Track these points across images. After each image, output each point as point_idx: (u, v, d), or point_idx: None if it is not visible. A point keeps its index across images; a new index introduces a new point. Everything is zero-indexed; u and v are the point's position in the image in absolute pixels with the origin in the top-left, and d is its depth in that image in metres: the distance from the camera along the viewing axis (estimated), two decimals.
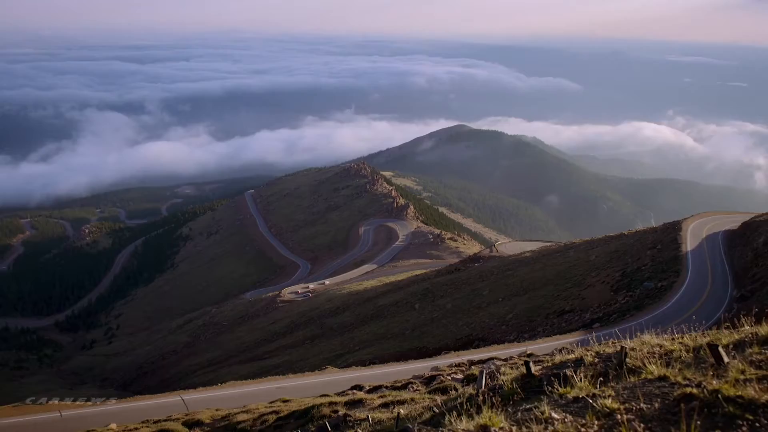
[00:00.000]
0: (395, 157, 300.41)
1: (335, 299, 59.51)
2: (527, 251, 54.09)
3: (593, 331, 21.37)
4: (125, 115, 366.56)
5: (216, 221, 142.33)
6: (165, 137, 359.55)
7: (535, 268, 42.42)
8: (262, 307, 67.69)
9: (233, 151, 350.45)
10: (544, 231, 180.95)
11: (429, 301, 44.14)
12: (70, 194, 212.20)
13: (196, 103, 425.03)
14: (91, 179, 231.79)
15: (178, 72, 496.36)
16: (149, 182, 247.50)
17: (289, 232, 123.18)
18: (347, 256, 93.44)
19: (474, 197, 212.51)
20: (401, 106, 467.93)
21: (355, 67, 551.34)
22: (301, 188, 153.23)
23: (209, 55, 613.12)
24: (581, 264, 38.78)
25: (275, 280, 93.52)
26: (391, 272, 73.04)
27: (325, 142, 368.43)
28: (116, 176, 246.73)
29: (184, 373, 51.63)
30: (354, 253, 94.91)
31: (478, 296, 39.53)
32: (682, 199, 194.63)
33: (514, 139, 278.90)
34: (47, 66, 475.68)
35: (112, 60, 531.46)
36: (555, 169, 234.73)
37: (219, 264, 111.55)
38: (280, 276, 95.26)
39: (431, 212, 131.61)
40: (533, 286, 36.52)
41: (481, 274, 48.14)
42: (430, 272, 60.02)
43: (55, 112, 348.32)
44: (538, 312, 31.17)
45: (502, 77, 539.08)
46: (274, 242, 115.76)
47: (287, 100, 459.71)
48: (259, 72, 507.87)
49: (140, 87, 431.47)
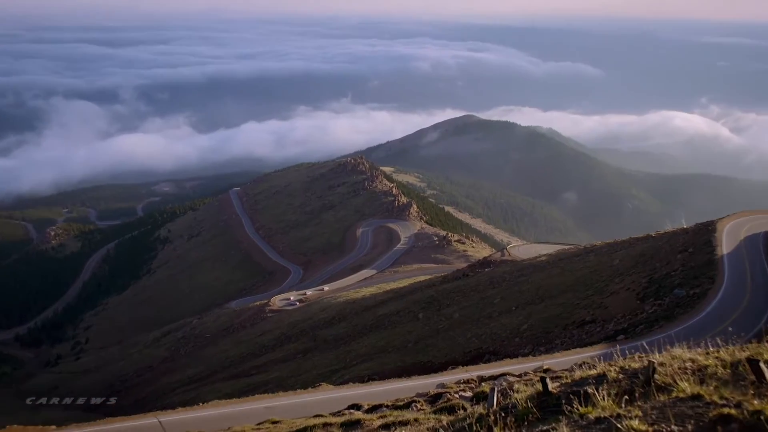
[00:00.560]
0: (396, 151, 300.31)
1: (330, 308, 59.51)
2: (543, 255, 54.06)
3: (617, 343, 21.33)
4: (96, 104, 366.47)
5: (198, 222, 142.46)
6: (141, 129, 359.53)
7: (551, 274, 42.42)
8: (249, 318, 67.67)
9: (217, 144, 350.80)
10: (562, 232, 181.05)
11: (434, 310, 44.13)
12: (34, 192, 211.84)
13: (176, 91, 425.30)
14: (57, 176, 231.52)
15: (156, 56, 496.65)
16: (123, 179, 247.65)
17: (278, 233, 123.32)
18: (343, 261, 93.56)
19: (484, 195, 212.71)
20: (403, 94, 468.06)
21: (352, 52, 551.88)
22: (293, 185, 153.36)
23: (190, 37, 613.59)
24: (603, 269, 38.76)
25: (264, 287, 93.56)
26: (392, 278, 73.04)
27: (318, 134, 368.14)
28: (86, 172, 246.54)
29: (161, 391, 51.57)
30: (351, 257, 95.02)
31: (489, 305, 39.50)
32: (717, 196, 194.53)
33: (528, 130, 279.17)
34: (6, 49, 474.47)
35: (81, 42, 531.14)
36: (573, 164, 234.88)
37: (201, 270, 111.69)
38: (269, 283, 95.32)
39: (436, 212, 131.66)
40: (550, 294, 36.49)
41: (491, 280, 48.12)
42: (436, 278, 60.02)
43: (16, 101, 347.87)
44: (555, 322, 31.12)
45: (514, 62, 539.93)
46: (263, 245, 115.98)
47: (277, 88, 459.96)
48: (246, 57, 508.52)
49: (113, 73, 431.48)
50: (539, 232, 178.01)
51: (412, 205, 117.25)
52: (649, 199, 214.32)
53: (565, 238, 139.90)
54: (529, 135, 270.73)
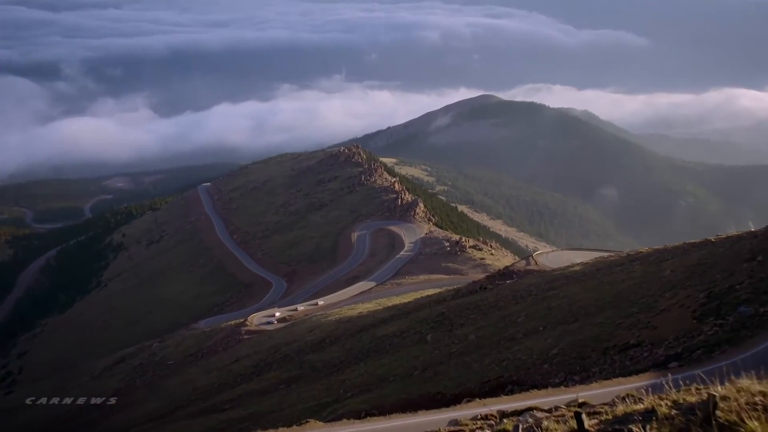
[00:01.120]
0: (400, 139, 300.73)
1: (319, 329, 59.57)
2: (577, 264, 53.98)
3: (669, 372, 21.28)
4: (32, 81, 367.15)
5: (159, 225, 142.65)
6: (89, 111, 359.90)
7: (587, 287, 42.41)
8: (222, 340, 67.77)
9: (182, 130, 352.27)
10: (600, 236, 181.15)
11: (445, 330, 44.14)
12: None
13: (132, 66, 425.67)
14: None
15: (106, 23, 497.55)
16: (67, 173, 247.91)
17: (257, 238, 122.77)
18: (335, 271, 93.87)
19: (504, 192, 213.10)
20: (407, 70, 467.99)
21: (346, 19, 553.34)
22: (274, 180, 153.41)
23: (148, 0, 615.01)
24: (651, 281, 38.72)
25: (239, 303, 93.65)
26: (395, 292, 73.31)
27: (305, 118, 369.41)
28: (20, 165, 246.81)
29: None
30: (344, 266, 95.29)
31: (512, 324, 39.48)
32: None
33: (559, 113, 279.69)
34: None
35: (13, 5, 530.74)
36: (614, 153, 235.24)
37: (163, 282, 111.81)
38: (245, 298, 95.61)
39: (447, 212, 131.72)
40: (586, 311, 36.46)
41: (514, 294, 48.12)
42: (447, 292, 60.07)
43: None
44: (592, 346, 31.09)
45: (542, 30, 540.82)
46: (238, 252, 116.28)
47: (255, 63, 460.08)
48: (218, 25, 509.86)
49: (53, 43, 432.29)
50: (572, 236, 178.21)
51: (419, 204, 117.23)
52: (707, 196, 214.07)
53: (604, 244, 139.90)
54: (560, 119, 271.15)
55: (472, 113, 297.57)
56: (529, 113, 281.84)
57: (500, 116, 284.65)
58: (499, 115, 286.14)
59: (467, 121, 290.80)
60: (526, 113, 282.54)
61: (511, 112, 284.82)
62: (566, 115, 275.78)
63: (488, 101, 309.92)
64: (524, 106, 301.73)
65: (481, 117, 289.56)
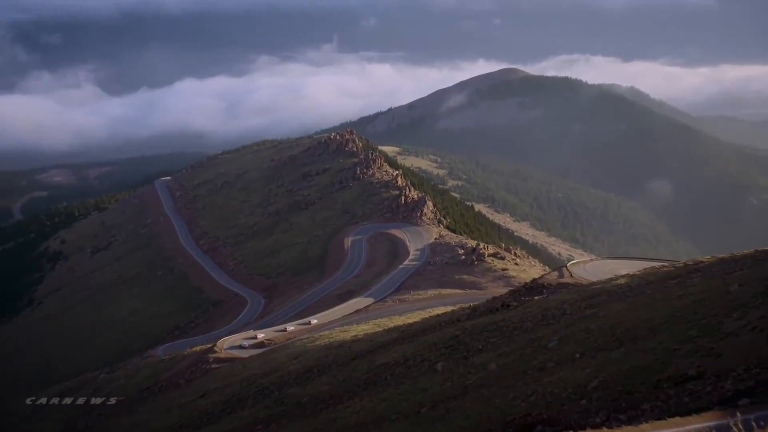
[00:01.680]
0: (403, 123, 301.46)
1: (305, 356, 59.65)
2: (621, 276, 54.02)
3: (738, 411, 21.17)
4: None
5: (107, 228, 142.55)
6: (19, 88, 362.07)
7: (635, 305, 42.48)
8: (185, 371, 67.71)
9: (136, 112, 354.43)
10: (650, 241, 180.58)
11: (459, 358, 44.14)
12: None
13: (73, 32, 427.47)
14: None
15: None
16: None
17: (228, 245, 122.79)
18: (325, 285, 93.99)
19: (532, 187, 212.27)
20: (414, 39, 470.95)
21: None
22: (249, 173, 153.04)
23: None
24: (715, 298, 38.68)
25: (206, 324, 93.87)
26: (397, 310, 73.27)
27: (288, 98, 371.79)
28: None
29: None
30: (336, 279, 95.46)
31: (541, 351, 39.45)
32: None
33: (600, 90, 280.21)
34: None
35: None
36: (668, 140, 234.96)
37: (112, 299, 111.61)
38: (214, 318, 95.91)
39: (462, 212, 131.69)
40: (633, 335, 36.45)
41: (544, 313, 48.18)
42: (461, 310, 60.14)
43: None
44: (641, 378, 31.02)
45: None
46: (205, 262, 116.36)
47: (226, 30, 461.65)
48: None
49: None
50: (616, 242, 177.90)
51: (426, 203, 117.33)
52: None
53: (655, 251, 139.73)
54: (602, 98, 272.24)
55: (493, 91, 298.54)
56: (563, 91, 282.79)
57: (527, 95, 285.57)
58: (525, 94, 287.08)
59: (486, 101, 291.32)
60: (559, 91, 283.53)
61: (541, 90, 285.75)
62: (608, 94, 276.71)
63: (512, 76, 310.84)
64: (557, 82, 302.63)
65: (504, 96, 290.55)
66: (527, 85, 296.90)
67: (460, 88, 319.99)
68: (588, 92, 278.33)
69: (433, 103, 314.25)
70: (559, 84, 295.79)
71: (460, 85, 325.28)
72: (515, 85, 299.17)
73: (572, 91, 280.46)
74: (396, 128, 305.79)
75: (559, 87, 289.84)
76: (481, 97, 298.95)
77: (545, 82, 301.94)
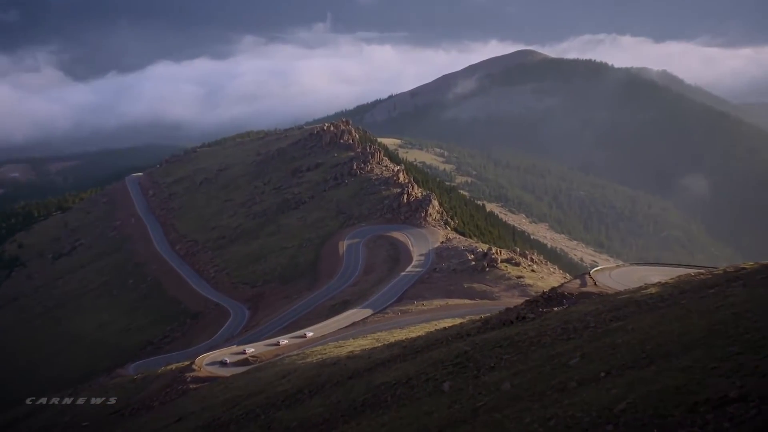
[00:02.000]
0: (406, 112, 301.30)
1: (295, 375, 59.38)
2: (652, 285, 53.88)
3: None
4: None
5: (71, 231, 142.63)
6: None
7: (667, 317, 42.29)
8: (159, 392, 67.60)
9: (104, 99, 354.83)
10: (684, 245, 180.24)
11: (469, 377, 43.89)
12: None
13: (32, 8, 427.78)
14: None
15: None
16: None
17: (208, 249, 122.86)
18: (317, 295, 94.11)
19: (551, 184, 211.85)
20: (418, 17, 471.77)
21: None
22: (232, 169, 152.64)
23: None
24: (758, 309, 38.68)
25: (184, 339, 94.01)
26: (399, 323, 73.07)
27: (276, 83, 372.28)
28: None
29: None
30: (330, 288, 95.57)
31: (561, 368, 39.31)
32: None
33: (628, 75, 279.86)
34: None
35: None
36: (705, 130, 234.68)
37: (76, 311, 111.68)
38: (192, 332, 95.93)
39: (471, 213, 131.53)
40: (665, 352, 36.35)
41: (565, 326, 47.87)
42: (471, 323, 60.01)
43: None
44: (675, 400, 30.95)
45: None
46: (182, 269, 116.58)
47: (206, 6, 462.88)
48: None
49: None
50: (645, 246, 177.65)
51: (432, 202, 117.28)
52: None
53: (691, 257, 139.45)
54: (630, 83, 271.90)
55: (507, 76, 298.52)
56: (586, 75, 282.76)
57: (545, 80, 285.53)
58: (543, 79, 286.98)
59: (499, 87, 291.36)
60: (582, 75, 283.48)
61: (561, 74, 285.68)
62: (638, 78, 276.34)
63: (529, 59, 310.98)
64: (579, 65, 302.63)
65: (519, 81, 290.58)
66: (545, 68, 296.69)
67: (469, 73, 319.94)
68: (615, 77, 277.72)
69: (439, 90, 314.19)
70: (582, 67, 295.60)
71: (469, 69, 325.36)
72: (532, 68, 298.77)
73: (597, 76, 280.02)
74: (397, 118, 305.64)
75: (582, 71, 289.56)
76: (493, 83, 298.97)
77: (566, 65, 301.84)
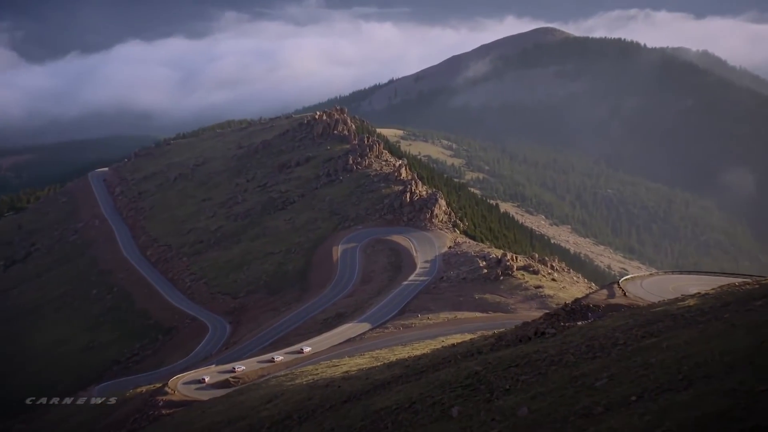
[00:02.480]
0: (409, 99, 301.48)
1: (282, 398, 59.53)
2: (689, 296, 54.04)
3: None
4: None
5: (26, 234, 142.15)
6: None
7: (707, 334, 42.32)
8: (127, 418, 67.61)
9: (64, 84, 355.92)
10: (727, 250, 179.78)
11: (481, 400, 43.99)
12: None
13: None
14: None
15: None
16: None
17: (184, 256, 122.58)
18: (308, 307, 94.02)
19: (574, 181, 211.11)
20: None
21: None
22: (211, 164, 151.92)
23: None
24: None
25: (155, 357, 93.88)
26: (401, 339, 73.07)
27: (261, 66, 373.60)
28: None
29: None
30: (322, 299, 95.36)
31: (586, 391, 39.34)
32: None
33: (663, 56, 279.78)
34: None
35: None
36: (751, 119, 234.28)
37: (33, 325, 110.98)
38: (165, 349, 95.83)
39: (483, 213, 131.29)
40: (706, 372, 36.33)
41: (590, 344, 47.97)
42: (483, 339, 60.13)
43: None
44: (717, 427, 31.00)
45: None
46: (154, 278, 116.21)
47: None
48: None
49: None
50: (682, 252, 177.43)
51: (438, 201, 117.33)
52: None
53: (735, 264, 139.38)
54: (666, 65, 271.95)
55: (524, 57, 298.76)
56: (615, 57, 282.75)
57: (568, 62, 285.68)
58: (566, 61, 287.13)
59: (516, 70, 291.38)
60: (611, 57, 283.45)
61: (587, 56, 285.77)
62: (674, 60, 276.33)
63: (549, 38, 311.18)
64: (607, 45, 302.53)
65: (538, 63, 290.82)
66: (569, 49, 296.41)
67: (481, 54, 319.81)
68: (648, 58, 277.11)
69: (446, 74, 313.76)
70: (611, 48, 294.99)
71: (481, 50, 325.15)
72: (553, 49, 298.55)
73: (627, 57, 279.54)
74: (399, 106, 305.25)
75: (611, 52, 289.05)
76: (508, 65, 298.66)
77: (592, 45, 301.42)
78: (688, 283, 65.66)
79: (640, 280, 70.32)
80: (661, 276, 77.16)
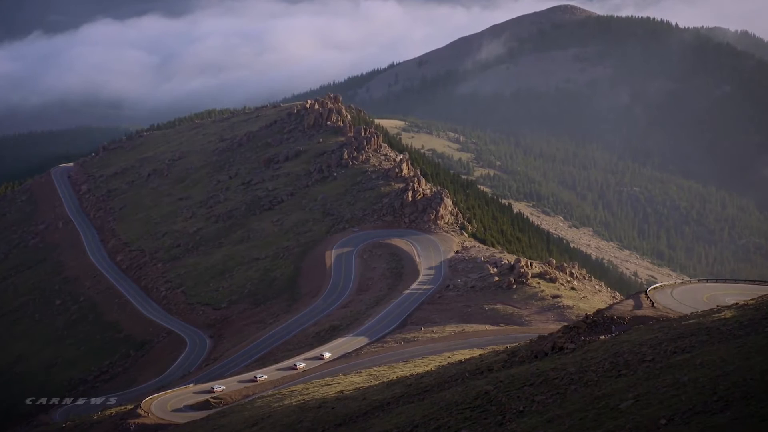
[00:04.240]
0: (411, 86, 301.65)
1: (268, 421, 59.72)
2: (726, 307, 54.29)
3: None
4: None
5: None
6: None
7: (746, 349, 42.65)
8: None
9: (23, 69, 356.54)
10: None
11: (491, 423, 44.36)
12: None
13: None
14: None
15: None
16: None
17: (159, 262, 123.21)
18: (297, 319, 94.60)
19: (596, 179, 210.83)
20: None
21: None
22: (189, 158, 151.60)
23: None
24: None
25: (126, 375, 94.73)
26: (402, 355, 73.48)
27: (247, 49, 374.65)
28: None
29: None
30: (314, 309, 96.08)
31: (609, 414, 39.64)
32: None
33: (697, 37, 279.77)
34: None
35: None
36: None
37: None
38: (138, 367, 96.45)
39: (494, 214, 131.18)
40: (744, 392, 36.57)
41: (614, 360, 48.40)
42: (494, 355, 60.35)
43: None
44: None
45: None
46: (125, 286, 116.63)
47: None
48: None
49: None
50: (718, 258, 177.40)
51: (444, 201, 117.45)
52: None
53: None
54: (699, 47, 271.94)
55: (541, 39, 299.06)
56: (643, 38, 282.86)
57: (590, 44, 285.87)
58: (588, 43, 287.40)
59: (531, 54, 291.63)
60: (638, 38, 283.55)
61: (611, 37, 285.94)
62: (709, 42, 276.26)
63: (569, 18, 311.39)
64: (634, 25, 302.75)
65: (557, 45, 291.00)
66: (591, 30, 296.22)
67: (493, 35, 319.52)
68: (679, 40, 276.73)
69: (454, 57, 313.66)
70: (638, 28, 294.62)
71: (493, 30, 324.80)
72: (573, 29, 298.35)
73: (656, 39, 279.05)
74: (400, 93, 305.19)
75: (638, 32, 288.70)
76: (523, 48, 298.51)
77: (617, 25, 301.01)
78: (725, 292, 65.75)
79: (671, 289, 70.33)
80: (693, 284, 77.21)
